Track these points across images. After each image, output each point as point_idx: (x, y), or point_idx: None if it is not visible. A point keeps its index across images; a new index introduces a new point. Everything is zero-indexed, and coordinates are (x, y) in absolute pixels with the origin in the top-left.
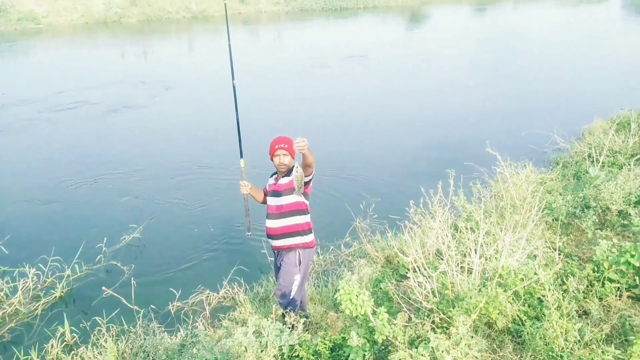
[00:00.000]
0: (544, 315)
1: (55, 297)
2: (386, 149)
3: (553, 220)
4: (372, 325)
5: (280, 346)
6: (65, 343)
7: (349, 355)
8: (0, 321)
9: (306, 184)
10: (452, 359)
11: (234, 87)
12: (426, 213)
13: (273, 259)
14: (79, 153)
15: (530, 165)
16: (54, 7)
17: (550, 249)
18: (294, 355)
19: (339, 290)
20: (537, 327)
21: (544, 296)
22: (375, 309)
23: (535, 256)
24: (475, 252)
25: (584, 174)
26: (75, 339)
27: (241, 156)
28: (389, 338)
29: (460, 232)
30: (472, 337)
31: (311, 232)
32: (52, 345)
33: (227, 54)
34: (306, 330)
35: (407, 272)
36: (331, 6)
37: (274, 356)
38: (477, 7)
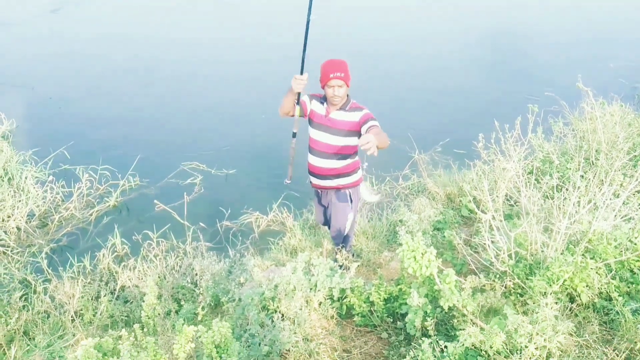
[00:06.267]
0: (639, 293)
1: (109, 205)
2: (456, 74)
3: None
4: (437, 289)
5: (331, 287)
6: (116, 254)
7: (406, 313)
8: (57, 224)
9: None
10: (533, 346)
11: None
12: (497, 151)
13: (315, 196)
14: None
15: (620, 103)
16: None
17: None
18: (344, 297)
19: (401, 244)
20: (632, 308)
21: None
22: (441, 267)
23: (630, 218)
24: (564, 214)
25: None
26: (125, 249)
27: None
28: (456, 306)
29: (538, 179)
30: (556, 316)
31: (360, 169)
32: (103, 255)
33: None
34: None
35: (470, 214)
36: None
37: (324, 297)
38: None
